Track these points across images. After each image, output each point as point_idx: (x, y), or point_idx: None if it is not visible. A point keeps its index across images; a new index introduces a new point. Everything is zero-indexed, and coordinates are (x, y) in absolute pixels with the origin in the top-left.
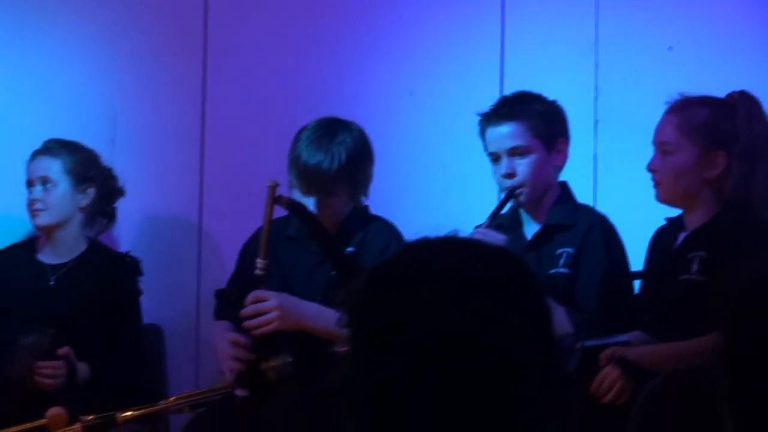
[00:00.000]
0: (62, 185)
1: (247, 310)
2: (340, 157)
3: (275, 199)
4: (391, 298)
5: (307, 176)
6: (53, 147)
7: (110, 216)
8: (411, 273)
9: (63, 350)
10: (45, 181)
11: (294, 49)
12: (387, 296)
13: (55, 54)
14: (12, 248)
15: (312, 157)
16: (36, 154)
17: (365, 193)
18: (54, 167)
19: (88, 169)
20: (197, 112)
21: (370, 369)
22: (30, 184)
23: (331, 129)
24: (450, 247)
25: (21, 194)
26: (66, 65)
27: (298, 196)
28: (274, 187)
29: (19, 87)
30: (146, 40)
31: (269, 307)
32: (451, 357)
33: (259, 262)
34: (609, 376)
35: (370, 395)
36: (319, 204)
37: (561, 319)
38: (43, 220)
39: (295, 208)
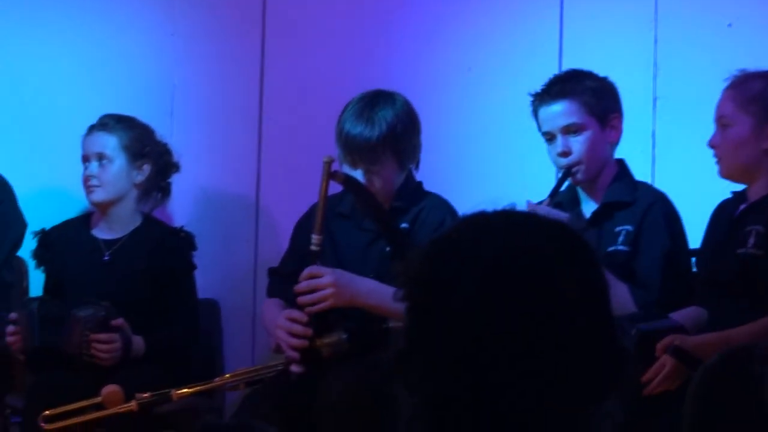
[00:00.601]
0: (118, 161)
1: (301, 286)
2: (381, 125)
3: (330, 175)
4: (447, 272)
5: (350, 147)
6: (109, 123)
7: (165, 191)
8: (467, 246)
9: (117, 322)
10: (101, 157)
11: (352, 25)
12: (443, 270)
13: (115, 28)
14: (67, 224)
15: (354, 127)
16: (92, 129)
17: (414, 164)
18: (110, 143)
19: (143, 145)
20: (255, 87)
21: (425, 343)
22: (86, 159)
23: (373, 100)
24: (506, 220)
25: (79, 169)
26: (126, 39)
27: (346, 170)
28: (330, 162)
29: (79, 61)
30: (205, 14)
31: (324, 283)
32: (507, 330)
33: (314, 238)
34: (665, 368)
35: (425, 369)
36: (368, 177)
37: (624, 297)
38: (99, 196)
39: (351, 183)
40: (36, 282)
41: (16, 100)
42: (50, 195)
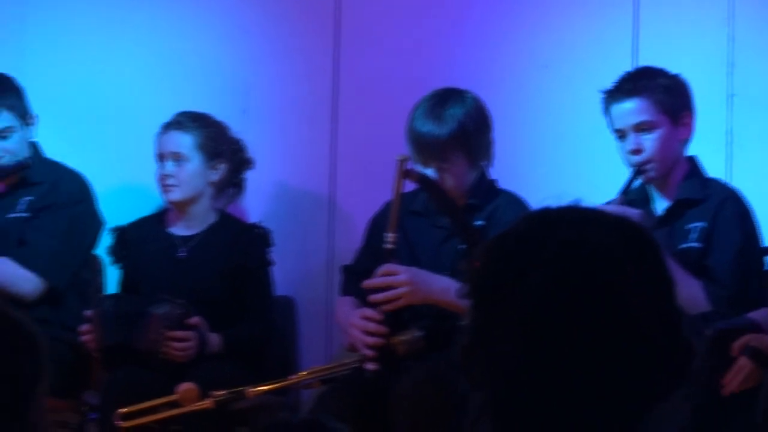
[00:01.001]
0: (194, 161)
1: (376, 283)
2: (451, 123)
3: (405, 173)
4: (512, 268)
5: (420, 145)
6: (184, 122)
7: (239, 186)
8: (531, 242)
9: (194, 320)
10: (177, 156)
11: (427, 22)
12: (508, 266)
13: (188, 26)
14: (143, 221)
15: (424, 125)
16: (167, 128)
17: (486, 161)
18: (186, 142)
19: (219, 143)
20: (329, 84)
21: (490, 340)
22: (161, 158)
23: (443, 98)
24: (570, 215)
25: (153, 167)
26: (200, 37)
27: (418, 168)
28: (404, 160)
29: (153, 60)
30: (279, 12)
31: (399, 281)
32: (572, 326)
33: (389, 236)
34: (742, 371)
35: (490, 366)
36: (439, 174)
37: (697, 294)
38: (176, 195)
39: (425, 181)
40: (112, 279)
41: (92, 98)
42: (126, 192)
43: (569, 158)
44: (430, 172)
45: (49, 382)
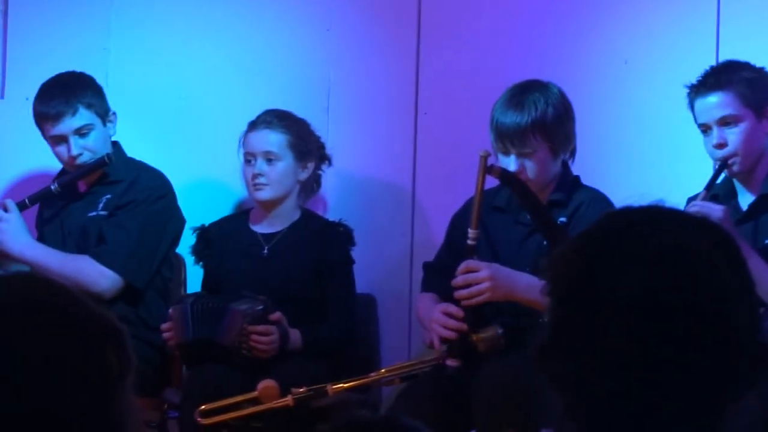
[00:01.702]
0: (286, 160)
1: (458, 280)
2: (531, 110)
3: (487, 169)
4: (600, 269)
5: (501, 132)
6: (273, 121)
7: (318, 183)
8: (623, 245)
9: (275, 316)
10: (268, 155)
11: (507, 18)
12: (595, 267)
13: (270, 25)
14: (226, 219)
15: (505, 115)
16: (256, 127)
17: (568, 154)
18: (277, 142)
19: (307, 142)
20: (411, 82)
21: (574, 339)
22: (251, 157)
23: (525, 87)
24: (653, 216)
25: (236, 165)
26: (281, 36)
27: (500, 158)
28: (486, 156)
29: (236, 58)
30: (361, 9)
31: (481, 277)
32: (666, 331)
33: (471, 233)
34: None
35: (576, 367)
36: (520, 162)
37: None
38: (267, 194)
39: (507, 177)
40: (193, 278)
41: (176, 97)
42: (208, 191)
43: (651, 154)
44: (512, 160)
45: (134, 377)
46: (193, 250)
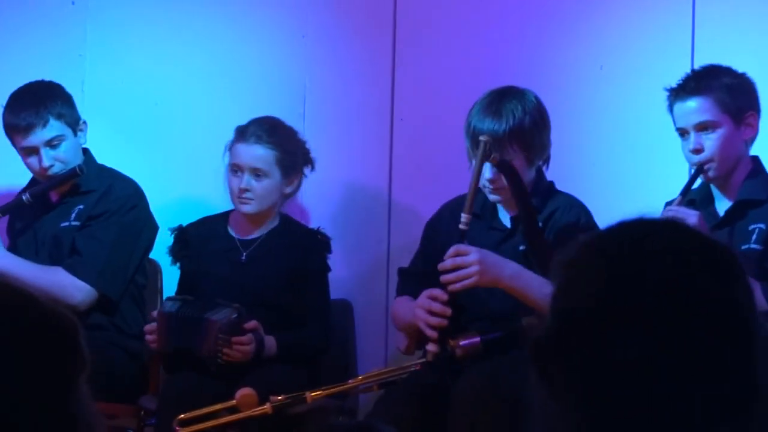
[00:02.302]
0: (273, 176)
1: (446, 263)
2: (509, 118)
3: (486, 156)
4: (604, 266)
5: (478, 140)
6: (264, 135)
7: (299, 186)
8: (627, 247)
9: (250, 324)
10: (256, 171)
11: (483, 23)
12: (600, 263)
13: (246, 31)
14: (204, 221)
15: (482, 122)
16: (246, 139)
17: (543, 161)
18: (266, 158)
19: (296, 156)
20: (387, 88)
21: (572, 333)
22: (238, 169)
23: (502, 94)
24: (668, 228)
25: (214, 170)
26: (257, 42)
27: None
28: (488, 142)
29: (212, 64)
30: (336, 16)
31: (470, 261)
32: (655, 327)
33: (464, 217)
34: None
35: (580, 373)
36: (496, 173)
37: (757, 296)
38: (252, 209)
39: (505, 166)
40: (169, 283)
41: (151, 103)
42: (183, 196)
43: (627, 159)
44: (487, 167)
45: (88, 371)
46: (170, 251)
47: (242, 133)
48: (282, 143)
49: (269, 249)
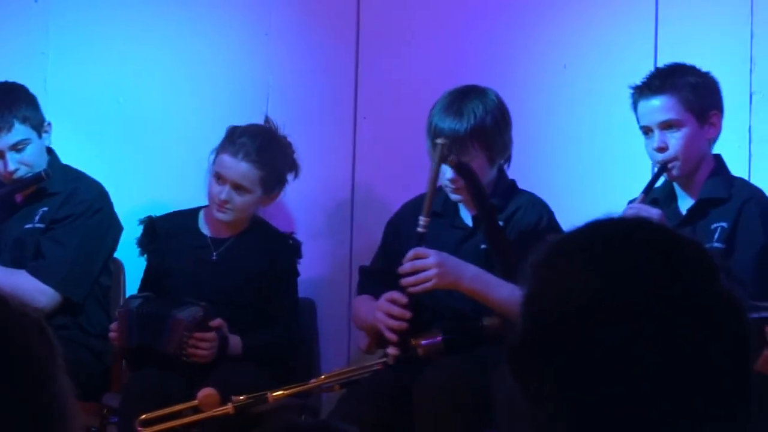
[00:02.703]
0: (255, 193)
1: (405, 267)
2: (470, 118)
3: (443, 158)
4: (584, 267)
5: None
6: (253, 154)
7: None
8: (604, 246)
9: (215, 322)
10: (238, 186)
11: (446, 23)
12: (579, 264)
13: (209, 28)
14: (176, 215)
15: (443, 120)
16: (236, 153)
17: (505, 160)
18: (250, 177)
19: (281, 173)
20: (350, 86)
21: (552, 335)
22: (221, 179)
23: (463, 93)
24: (641, 226)
25: (177, 168)
26: (220, 39)
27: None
28: (445, 145)
29: (174, 61)
30: (299, 13)
31: (429, 264)
32: (642, 325)
33: (422, 220)
34: None
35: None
36: (456, 174)
37: None
38: (228, 218)
39: (462, 168)
40: (132, 282)
41: (114, 101)
42: (147, 194)
43: (590, 158)
44: (447, 168)
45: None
46: (139, 242)
47: (232, 143)
48: (270, 162)
49: (240, 249)
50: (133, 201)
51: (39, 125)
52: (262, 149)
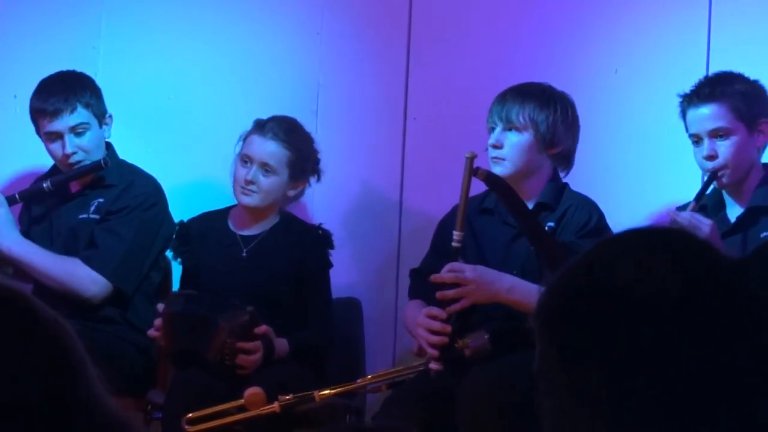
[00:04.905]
0: (281, 176)
1: (443, 277)
2: (529, 95)
3: (473, 171)
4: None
5: (497, 104)
6: (281, 134)
7: (302, 193)
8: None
9: (261, 329)
10: (265, 166)
11: (498, 24)
12: (653, 258)
13: (261, 27)
14: (206, 216)
15: (502, 96)
16: (263, 133)
17: (566, 167)
18: (279, 157)
19: (306, 163)
20: (401, 86)
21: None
22: (248, 160)
23: (542, 92)
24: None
25: (225, 165)
26: (271, 38)
27: (494, 135)
28: (473, 158)
29: (226, 59)
30: (351, 13)
31: (465, 279)
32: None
33: (456, 235)
34: None
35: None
36: (500, 141)
37: None
38: (252, 201)
39: (493, 180)
40: (179, 278)
41: (164, 97)
42: (197, 190)
43: (640, 163)
44: (497, 132)
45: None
46: (172, 246)
47: (260, 127)
48: (297, 146)
49: (270, 246)
50: (181, 196)
51: (101, 115)
52: (291, 132)
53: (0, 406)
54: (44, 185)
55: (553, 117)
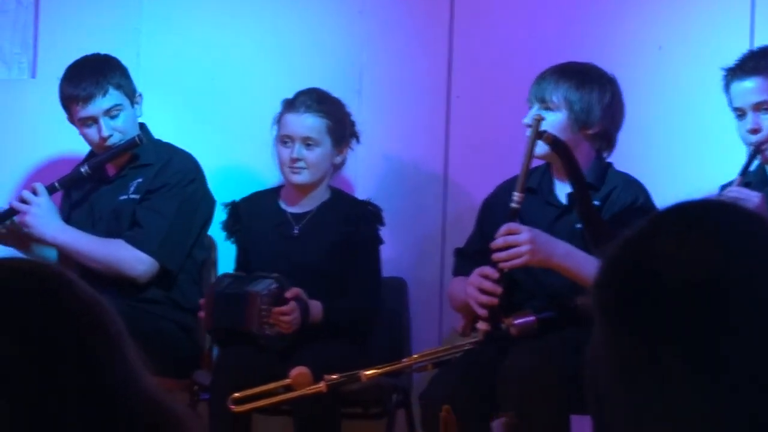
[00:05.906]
0: (324, 146)
1: (498, 242)
2: (567, 75)
3: (539, 134)
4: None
5: (538, 80)
6: (313, 105)
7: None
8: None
9: (292, 292)
10: (307, 141)
11: (541, 1)
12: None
13: (303, 6)
14: (257, 195)
15: (541, 76)
16: (296, 109)
17: (607, 148)
18: (317, 127)
19: (344, 126)
20: (444, 64)
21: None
22: (288, 140)
23: (581, 72)
24: (728, 210)
25: (265, 145)
26: (313, 17)
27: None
28: (540, 120)
29: (268, 39)
30: None
31: (521, 240)
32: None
33: (516, 195)
34: None
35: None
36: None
37: None
38: (304, 178)
39: (558, 144)
40: (224, 259)
41: (206, 78)
42: (238, 171)
43: (684, 140)
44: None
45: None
46: (224, 226)
47: (291, 104)
48: (332, 112)
49: (321, 222)
50: (224, 176)
51: (131, 94)
52: (321, 100)
53: (35, 380)
54: (82, 170)
55: (588, 97)
